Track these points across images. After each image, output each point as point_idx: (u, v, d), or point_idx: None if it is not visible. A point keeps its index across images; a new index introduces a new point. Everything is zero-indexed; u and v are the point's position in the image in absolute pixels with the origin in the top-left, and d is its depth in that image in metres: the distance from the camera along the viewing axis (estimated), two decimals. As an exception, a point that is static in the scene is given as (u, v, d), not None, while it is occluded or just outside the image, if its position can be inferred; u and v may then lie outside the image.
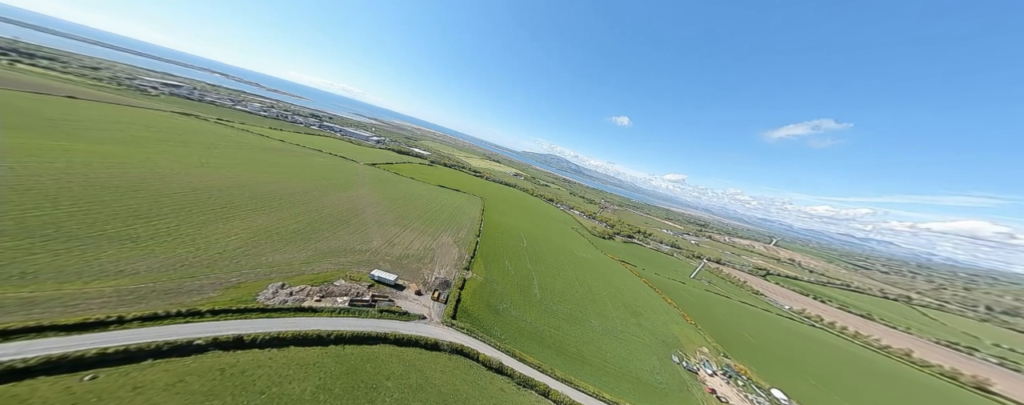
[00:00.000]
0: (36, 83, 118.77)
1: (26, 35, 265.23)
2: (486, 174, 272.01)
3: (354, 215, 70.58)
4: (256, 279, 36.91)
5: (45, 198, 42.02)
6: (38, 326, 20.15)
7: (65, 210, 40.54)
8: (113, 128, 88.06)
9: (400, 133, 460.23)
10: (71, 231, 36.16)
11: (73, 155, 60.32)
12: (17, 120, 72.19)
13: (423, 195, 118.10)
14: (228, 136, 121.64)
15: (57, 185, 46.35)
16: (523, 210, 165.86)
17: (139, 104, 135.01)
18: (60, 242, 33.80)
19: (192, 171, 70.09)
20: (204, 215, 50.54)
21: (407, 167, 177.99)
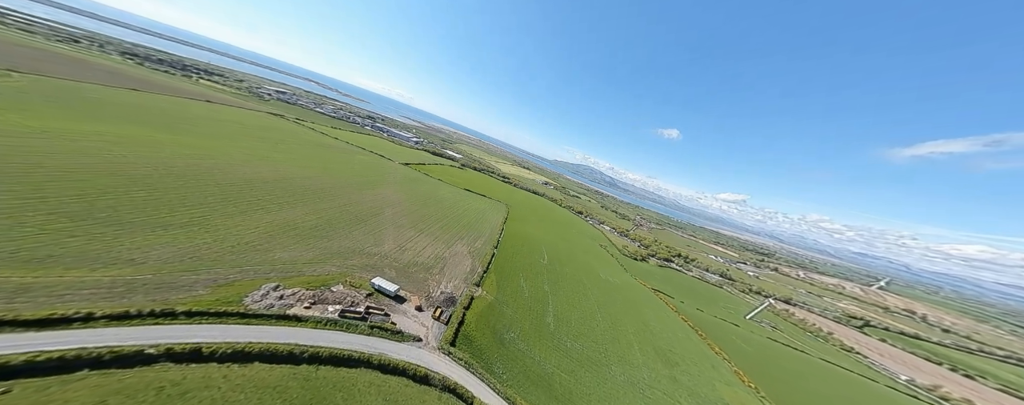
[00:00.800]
0: (193, 91, 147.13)
1: (197, 54, 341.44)
2: (515, 180, 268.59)
3: (373, 215, 70.42)
4: (254, 277, 35.92)
5: (127, 183, 47.21)
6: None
7: (130, 195, 44.72)
8: (215, 125, 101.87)
9: (437, 135, 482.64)
10: (120, 216, 38.91)
11: (174, 147, 69.09)
12: (157, 119, 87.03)
13: (447, 198, 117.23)
14: (297, 133, 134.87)
15: (141, 172, 52.29)
16: (548, 221, 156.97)
17: (250, 106, 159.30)
18: (104, 226, 36.19)
19: (253, 163, 76.46)
20: (239, 206, 53.09)
21: (438, 169, 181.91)
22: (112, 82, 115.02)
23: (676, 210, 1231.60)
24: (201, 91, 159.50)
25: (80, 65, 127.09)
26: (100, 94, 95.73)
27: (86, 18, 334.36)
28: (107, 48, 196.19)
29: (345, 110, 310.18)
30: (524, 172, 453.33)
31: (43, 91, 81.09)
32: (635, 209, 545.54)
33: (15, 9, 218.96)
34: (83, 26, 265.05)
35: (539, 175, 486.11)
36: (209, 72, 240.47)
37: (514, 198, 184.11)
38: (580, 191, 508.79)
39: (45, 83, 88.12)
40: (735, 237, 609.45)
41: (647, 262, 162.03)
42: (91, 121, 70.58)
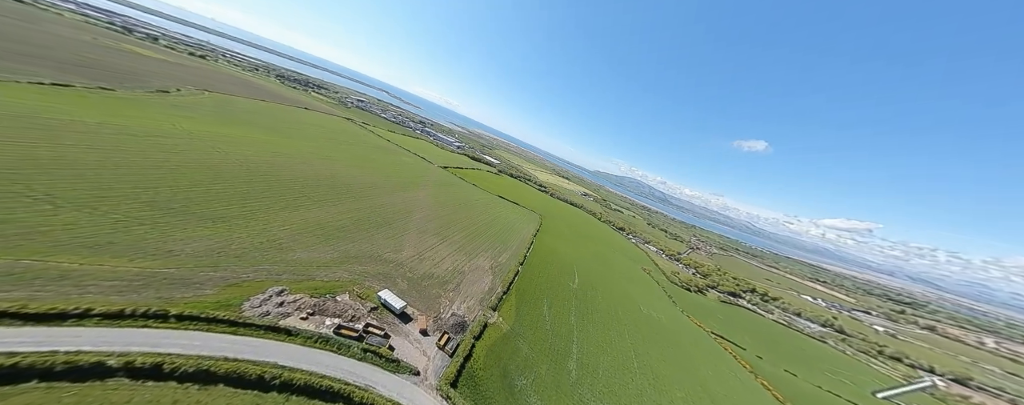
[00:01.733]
0: (302, 101, 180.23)
1: (316, 73, 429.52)
2: (551, 190, 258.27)
3: (400, 218, 70.39)
4: (264, 278, 35.83)
5: (213, 177, 53.61)
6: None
7: (208, 188, 49.96)
8: (300, 128, 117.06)
9: (478, 141, 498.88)
10: (188, 208, 42.80)
11: (263, 146, 79.29)
12: (266, 122, 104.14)
13: (479, 204, 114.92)
14: (359, 136, 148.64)
15: (228, 167, 59.30)
16: (584, 237, 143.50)
17: (334, 112, 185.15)
18: (171, 216, 39.65)
19: (314, 161, 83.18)
20: (287, 202, 56.44)
21: (474, 173, 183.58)
22: (253, 95, 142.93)
23: (750, 234, 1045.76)
24: (307, 101, 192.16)
25: (244, 84, 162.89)
26: (243, 105, 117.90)
27: (254, 49, 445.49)
28: (263, 71, 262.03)
29: (403, 116, 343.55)
30: (562, 181, 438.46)
31: (213, 104, 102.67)
32: (691, 229, 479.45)
33: (219, 46, 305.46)
34: (251, 54, 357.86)
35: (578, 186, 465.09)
36: (319, 86, 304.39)
37: (549, 208, 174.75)
38: (623, 205, 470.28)
39: (217, 98, 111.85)
40: (849, 275, 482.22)
41: (705, 295, 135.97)
42: (223, 125, 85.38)
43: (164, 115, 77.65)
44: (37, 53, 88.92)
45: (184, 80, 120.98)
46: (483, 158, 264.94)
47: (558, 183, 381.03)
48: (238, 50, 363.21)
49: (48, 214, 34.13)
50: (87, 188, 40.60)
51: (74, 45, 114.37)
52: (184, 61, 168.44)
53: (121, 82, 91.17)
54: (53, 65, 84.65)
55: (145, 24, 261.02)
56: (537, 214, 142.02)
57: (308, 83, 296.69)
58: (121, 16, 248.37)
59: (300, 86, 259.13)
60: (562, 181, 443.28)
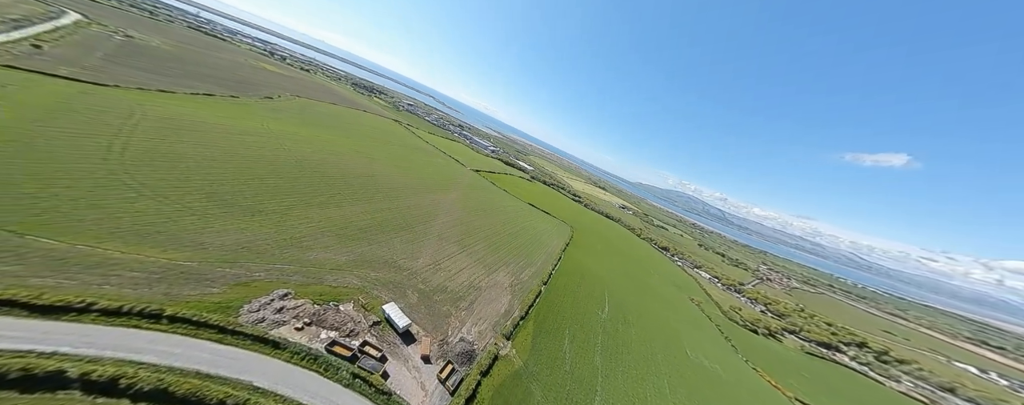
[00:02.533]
0: (363, 104, 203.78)
1: (380, 81, 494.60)
2: (586, 200, 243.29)
3: (423, 221, 69.04)
4: (275, 279, 35.35)
5: (271, 171, 57.55)
6: (9, 300, 20.48)
7: (264, 182, 52.94)
8: (355, 128, 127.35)
9: (513, 146, 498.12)
10: (238, 201, 45.37)
11: (320, 143, 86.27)
12: (329, 123, 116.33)
13: (507, 211, 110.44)
14: (401, 136, 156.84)
15: (286, 162, 64.06)
16: (620, 255, 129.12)
17: (385, 115, 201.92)
18: (219, 208, 41.99)
19: (356, 159, 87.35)
20: (322, 199, 57.85)
21: (506, 178, 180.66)
22: (330, 100, 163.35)
23: (855, 269, 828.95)
24: (367, 104, 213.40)
25: (326, 91, 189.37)
26: (319, 108, 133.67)
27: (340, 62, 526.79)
28: (343, 80, 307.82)
29: (444, 119, 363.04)
30: (599, 192, 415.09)
31: (297, 108, 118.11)
32: (759, 255, 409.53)
33: (321, 61, 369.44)
34: (339, 66, 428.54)
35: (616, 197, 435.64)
36: (380, 92, 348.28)
37: (582, 220, 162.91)
38: (668, 221, 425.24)
39: (302, 103, 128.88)
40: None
41: (779, 341, 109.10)
42: (297, 125, 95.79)
43: (258, 117, 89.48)
44: (208, 73, 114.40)
45: (286, 88, 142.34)
46: (516, 163, 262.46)
47: (593, 193, 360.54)
48: (331, 64, 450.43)
49: (129, 201, 38.36)
50: (172, 179, 45.20)
51: (233, 66, 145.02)
52: (293, 74, 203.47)
53: (244, 91, 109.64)
54: (214, 81, 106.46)
55: (280, 47, 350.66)
56: (568, 226, 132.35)
57: (372, 89, 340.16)
58: (269, 43, 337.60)
59: (366, 92, 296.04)
60: (598, 191, 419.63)
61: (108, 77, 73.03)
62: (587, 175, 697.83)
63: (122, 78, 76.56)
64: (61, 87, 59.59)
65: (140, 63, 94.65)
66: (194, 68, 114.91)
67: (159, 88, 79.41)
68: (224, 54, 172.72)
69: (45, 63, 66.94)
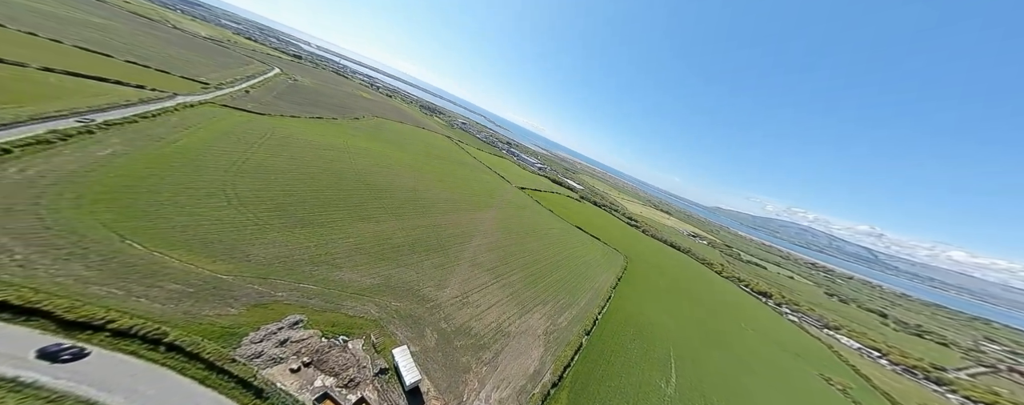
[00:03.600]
0: (423, 122, 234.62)
1: (441, 102, 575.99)
2: (644, 224, 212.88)
3: (459, 242, 65.08)
4: (294, 301, 33.82)
5: (334, 182, 65.12)
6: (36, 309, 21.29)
7: (324, 194, 57.19)
8: (411, 143, 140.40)
9: (561, 164, 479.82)
10: (296, 212, 48.11)
11: (378, 157, 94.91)
12: (393, 138, 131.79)
13: (550, 234, 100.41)
14: (450, 151, 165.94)
15: (347, 174, 70.52)
16: (691, 297, 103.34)
17: (438, 131, 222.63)
18: (280, 218, 44.50)
19: (405, 172, 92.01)
20: (366, 212, 59.41)
21: (552, 197, 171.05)
22: (399, 119, 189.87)
23: None
24: (427, 122, 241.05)
25: (398, 112, 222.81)
26: (389, 126, 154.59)
27: (414, 88, 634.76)
28: (414, 102, 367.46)
29: (493, 136, 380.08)
30: (660, 216, 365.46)
31: (372, 126, 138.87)
32: (967, 323, 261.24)
33: (400, 88, 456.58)
34: (412, 92, 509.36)
35: (684, 223, 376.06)
36: (440, 112, 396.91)
37: (638, 249, 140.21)
38: (766, 256, 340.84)
39: (378, 122, 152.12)
40: None
41: None
42: (368, 141, 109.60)
43: (343, 134, 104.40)
44: (326, 101, 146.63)
45: (370, 110, 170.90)
46: (564, 181, 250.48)
47: (653, 217, 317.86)
48: (407, 90, 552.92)
49: (218, 209, 43.39)
50: (256, 188, 50.54)
51: (343, 95, 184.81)
52: (379, 99, 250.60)
53: (342, 114, 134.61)
54: (327, 107, 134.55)
55: (376, 78, 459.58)
56: (621, 255, 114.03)
57: (433, 109, 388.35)
58: (371, 77, 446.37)
59: (429, 112, 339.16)
60: (659, 215, 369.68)
61: (268, 109, 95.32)
62: (645, 196, 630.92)
63: (276, 109, 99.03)
64: (239, 117, 77.86)
65: (292, 98, 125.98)
66: (319, 98, 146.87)
67: (292, 114, 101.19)
68: (342, 87, 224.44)
69: (243, 102, 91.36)
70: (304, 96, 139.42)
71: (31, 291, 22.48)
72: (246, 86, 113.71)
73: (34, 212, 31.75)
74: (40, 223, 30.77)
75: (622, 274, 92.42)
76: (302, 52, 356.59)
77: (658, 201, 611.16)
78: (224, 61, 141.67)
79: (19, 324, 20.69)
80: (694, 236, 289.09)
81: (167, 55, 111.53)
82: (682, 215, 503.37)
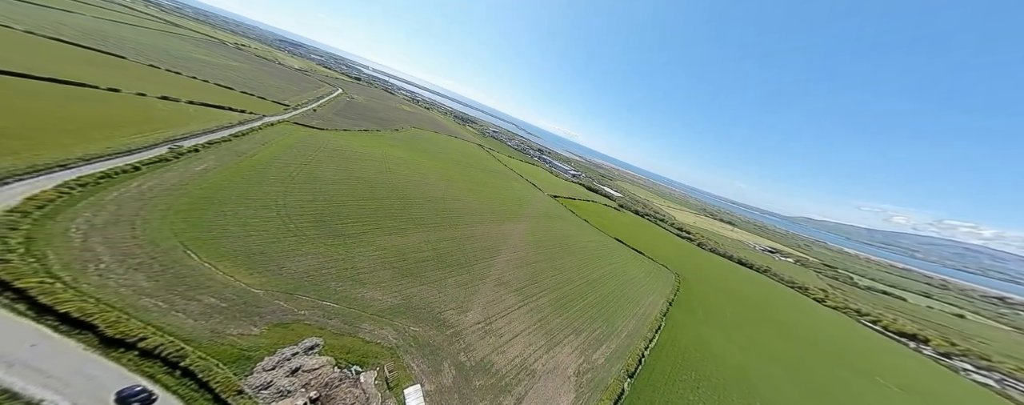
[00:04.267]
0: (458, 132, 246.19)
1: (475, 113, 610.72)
2: (698, 237, 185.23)
3: (485, 257, 61.49)
4: (314, 321, 32.64)
5: (369, 191, 69.34)
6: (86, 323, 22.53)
7: (360, 204, 60.29)
8: (444, 152, 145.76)
9: (596, 170, 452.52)
10: (332, 222, 49.90)
11: (414, 167, 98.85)
12: (427, 147, 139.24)
13: (586, 248, 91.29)
14: (481, 159, 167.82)
15: (384, 184, 73.80)
16: (777, 332, 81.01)
17: (471, 140, 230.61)
18: (317, 229, 46.21)
19: (435, 181, 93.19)
20: (393, 223, 59.00)
21: (588, 206, 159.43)
22: (434, 129, 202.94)
23: None
24: (460, 132, 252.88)
25: (433, 122, 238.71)
26: (424, 136, 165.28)
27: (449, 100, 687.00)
28: (449, 114, 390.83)
29: (524, 144, 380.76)
30: (719, 226, 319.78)
31: (409, 136, 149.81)
32: None
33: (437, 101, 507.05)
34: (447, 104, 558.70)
35: (755, 236, 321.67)
36: (473, 121, 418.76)
37: (693, 265, 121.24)
38: (898, 281, 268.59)
39: (414, 132, 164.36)
40: None
41: None
42: (404, 150, 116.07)
43: (383, 144, 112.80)
44: (373, 115, 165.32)
45: (409, 122, 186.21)
46: (601, 189, 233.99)
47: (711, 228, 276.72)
48: (444, 102, 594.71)
49: (267, 220, 46.37)
50: (302, 200, 53.88)
51: (388, 110, 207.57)
52: (418, 111, 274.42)
53: (385, 126, 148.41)
54: (374, 120, 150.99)
55: (417, 93, 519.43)
56: (672, 273, 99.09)
57: (466, 119, 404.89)
58: (413, 93, 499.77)
59: (462, 122, 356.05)
60: (718, 226, 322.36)
61: (327, 124, 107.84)
62: (697, 203, 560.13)
63: (333, 124, 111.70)
64: (303, 133, 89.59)
65: (348, 113, 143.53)
66: (369, 113, 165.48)
67: (345, 128, 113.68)
68: (388, 102, 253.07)
69: (309, 119, 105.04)
70: (357, 111, 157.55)
71: (93, 302, 24.88)
72: (315, 106, 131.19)
73: (131, 222, 36.67)
74: (131, 233, 35.16)
75: (674, 296, 78.97)
76: (362, 74, 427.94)
77: (715, 210, 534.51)
78: (304, 86, 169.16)
79: (72, 337, 22.62)
80: (772, 252, 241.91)
81: (269, 85, 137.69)
82: (752, 227, 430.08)
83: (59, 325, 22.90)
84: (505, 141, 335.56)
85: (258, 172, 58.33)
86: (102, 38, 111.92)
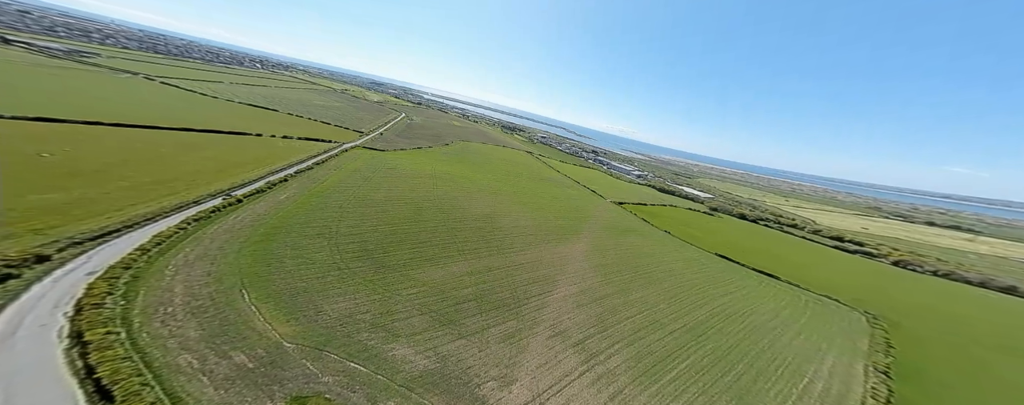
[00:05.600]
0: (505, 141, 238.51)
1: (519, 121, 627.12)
2: (884, 248, 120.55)
3: (536, 294, 46.51)
4: (334, 396, 25.04)
5: (411, 213, 61.79)
6: (108, 392, 19.87)
7: (397, 227, 54.87)
8: (492, 163, 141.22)
9: (666, 168, 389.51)
10: (371, 251, 45.73)
11: (459, 183, 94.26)
12: (473, 159, 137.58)
13: (675, 273, 65.89)
14: (531, 167, 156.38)
15: (425, 201, 70.14)
16: None
17: (519, 147, 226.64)
18: (362, 262, 41.91)
19: (483, 196, 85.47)
20: (436, 250, 51.86)
21: (667, 213, 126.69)
22: (481, 140, 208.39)
23: None
24: (507, 140, 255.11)
25: (481, 134, 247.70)
26: (472, 148, 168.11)
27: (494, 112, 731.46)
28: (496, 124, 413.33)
29: (576, 147, 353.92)
30: (922, 232, 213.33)
31: (458, 149, 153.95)
32: None
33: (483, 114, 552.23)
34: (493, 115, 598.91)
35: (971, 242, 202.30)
36: (521, 129, 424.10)
37: (896, 299, 76.01)
38: None
39: (462, 145, 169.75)
40: None
41: None
42: (451, 164, 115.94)
43: (433, 160, 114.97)
44: (427, 134, 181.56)
45: (458, 136, 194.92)
46: (679, 190, 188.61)
47: (909, 237, 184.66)
48: (490, 115, 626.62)
49: (318, 250, 43.24)
50: (353, 226, 51.85)
51: (440, 127, 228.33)
52: (467, 125, 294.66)
53: (436, 142, 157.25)
54: (426, 138, 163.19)
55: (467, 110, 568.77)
56: (857, 313, 62.05)
57: (513, 128, 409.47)
58: (463, 109, 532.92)
59: (509, 131, 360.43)
60: (921, 232, 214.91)
61: (389, 145, 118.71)
62: (848, 200, 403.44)
63: (394, 145, 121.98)
64: (368, 156, 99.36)
65: (407, 134, 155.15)
66: (424, 132, 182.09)
67: (401, 147, 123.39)
68: (441, 120, 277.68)
69: (375, 142, 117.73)
70: (414, 132, 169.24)
71: (129, 365, 23.14)
72: (383, 130, 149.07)
73: (214, 257, 37.43)
74: (207, 269, 35.36)
75: (881, 357, 46.01)
76: (422, 100, 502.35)
77: (907, 208, 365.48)
78: (378, 114, 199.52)
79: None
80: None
81: (354, 117, 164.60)
82: (1014, 231, 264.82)
83: (92, 391, 21.29)
84: (555, 145, 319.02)
85: (323, 198, 60.21)
86: (272, 100, 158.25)
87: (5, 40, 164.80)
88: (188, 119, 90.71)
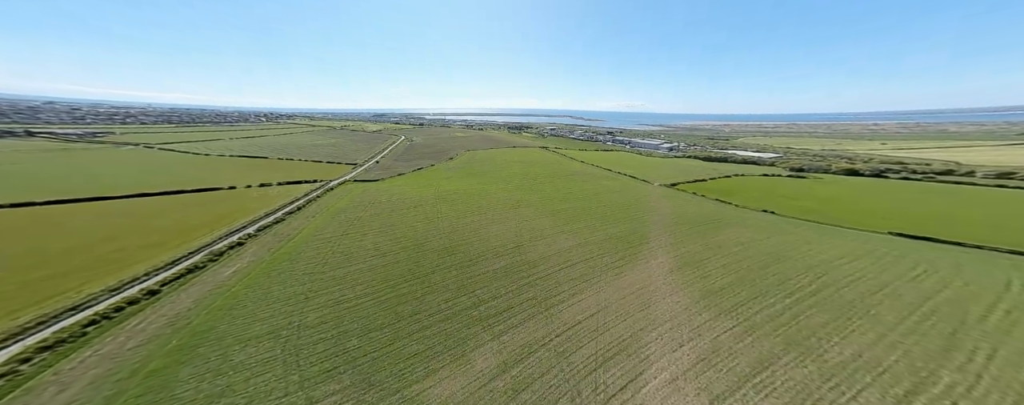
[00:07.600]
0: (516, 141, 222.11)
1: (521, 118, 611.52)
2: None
3: (616, 392, 24.26)
4: None
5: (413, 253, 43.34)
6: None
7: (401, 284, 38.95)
8: (503, 167, 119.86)
9: (696, 134, 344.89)
10: (349, 349, 29.78)
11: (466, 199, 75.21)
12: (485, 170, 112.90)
13: (902, 298, 38.07)
14: (551, 164, 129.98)
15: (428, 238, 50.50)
16: None
17: (531, 144, 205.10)
18: (325, 383, 26.45)
19: (504, 213, 65.98)
20: (443, 340, 34.41)
21: (739, 184, 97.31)
22: (488, 145, 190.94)
23: None
24: (516, 140, 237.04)
25: (490, 139, 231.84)
26: (479, 156, 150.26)
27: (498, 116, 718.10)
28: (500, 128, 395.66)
29: (589, 132, 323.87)
30: None
31: (464, 161, 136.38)
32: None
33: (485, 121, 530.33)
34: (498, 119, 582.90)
35: None
36: (528, 127, 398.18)
37: None
38: None
39: (469, 155, 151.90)
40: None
41: None
42: (457, 180, 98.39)
43: (437, 179, 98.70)
44: (429, 151, 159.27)
45: (463, 147, 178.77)
46: (730, 156, 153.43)
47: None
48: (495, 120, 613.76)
49: (265, 362, 26.47)
50: (326, 305, 35.14)
51: (443, 141, 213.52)
52: (471, 134, 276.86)
53: (439, 159, 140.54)
54: (428, 156, 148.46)
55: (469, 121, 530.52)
56: None
57: (520, 127, 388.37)
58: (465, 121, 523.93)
59: (516, 131, 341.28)
60: None
61: (385, 172, 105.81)
62: (1019, 126, 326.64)
63: (392, 170, 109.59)
64: (358, 190, 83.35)
65: (407, 155, 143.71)
66: (425, 150, 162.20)
67: (400, 172, 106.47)
68: (444, 134, 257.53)
69: (370, 172, 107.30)
70: (415, 152, 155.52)
71: None
72: (379, 157, 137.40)
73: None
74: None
75: None
76: (424, 120, 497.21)
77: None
78: (374, 143, 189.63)
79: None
80: None
81: (349, 150, 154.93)
82: None
83: None
84: (567, 135, 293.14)
85: (287, 265, 44.21)
86: (265, 147, 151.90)
87: (29, 133, 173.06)
88: (151, 183, 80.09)
